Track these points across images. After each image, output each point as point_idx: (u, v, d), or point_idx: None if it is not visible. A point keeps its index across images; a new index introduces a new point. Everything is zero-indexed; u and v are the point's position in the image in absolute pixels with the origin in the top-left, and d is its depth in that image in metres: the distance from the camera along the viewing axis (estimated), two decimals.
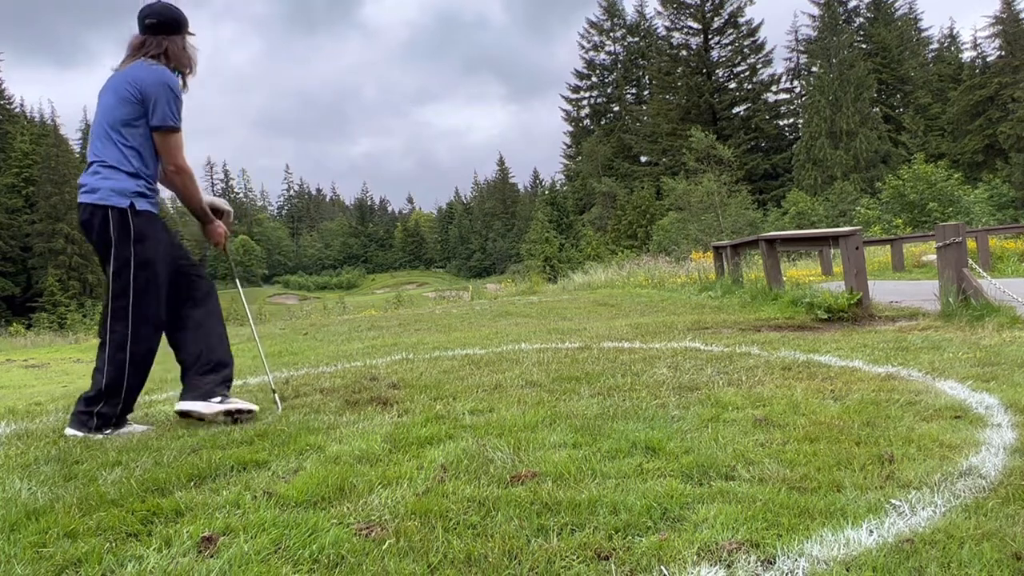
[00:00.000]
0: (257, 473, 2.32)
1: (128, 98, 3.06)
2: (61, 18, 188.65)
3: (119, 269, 3.05)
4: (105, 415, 3.07)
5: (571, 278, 20.42)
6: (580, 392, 3.43)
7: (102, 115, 3.14)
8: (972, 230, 13.70)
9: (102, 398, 3.06)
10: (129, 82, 3.07)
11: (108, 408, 3.07)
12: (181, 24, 3.25)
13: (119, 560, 1.68)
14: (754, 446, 2.36)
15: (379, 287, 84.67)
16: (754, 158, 56.49)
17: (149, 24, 3.19)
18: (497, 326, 7.78)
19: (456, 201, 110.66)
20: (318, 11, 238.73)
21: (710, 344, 5.01)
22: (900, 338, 4.75)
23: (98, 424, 3.05)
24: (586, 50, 70.67)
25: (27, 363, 7.62)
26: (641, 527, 1.74)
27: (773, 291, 8.32)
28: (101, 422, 3.06)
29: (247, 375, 4.88)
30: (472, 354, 5.11)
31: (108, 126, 3.10)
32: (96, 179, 3.08)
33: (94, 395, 3.07)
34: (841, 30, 52.34)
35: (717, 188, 32.91)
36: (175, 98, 3.11)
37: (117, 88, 3.09)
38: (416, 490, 2.06)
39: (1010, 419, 2.57)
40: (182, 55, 3.24)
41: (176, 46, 3.22)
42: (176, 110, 3.11)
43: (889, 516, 1.75)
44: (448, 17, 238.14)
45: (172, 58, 3.20)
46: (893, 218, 25.69)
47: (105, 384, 3.05)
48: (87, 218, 3.09)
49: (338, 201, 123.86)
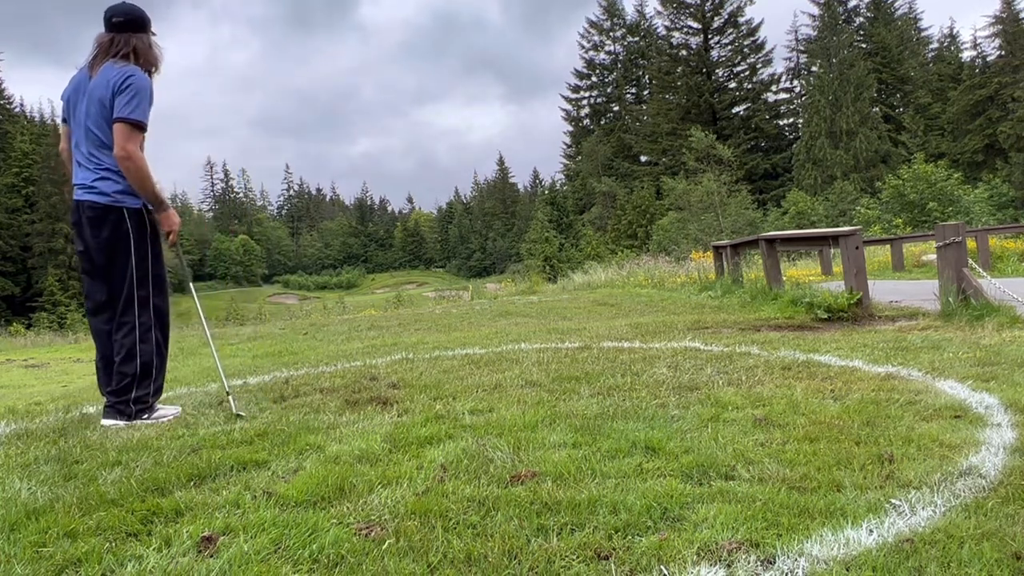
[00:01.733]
0: (257, 473, 2.32)
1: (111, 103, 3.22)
2: (61, 18, 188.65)
3: (139, 261, 3.29)
4: (141, 399, 3.27)
5: (571, 278, 20.42)
6: (580, 392, 3.43)
7: (90, 119, 3.25)
8: (972, 230, 13.69)
9: (134, 384, 3.25)
10: (112, 86, 3.20)
11: (142, 391, 3.27)
12: (146, 23, 3.40)
13: (119, 560, 1.68)
14: (754, 446, 2.36)
15: (379, 287, 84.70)
16: (754, 158, 56.48)
17: (116, 23, 3.32)
18: (497, 326, 7.78)
19: (456, 201, 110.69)
20: (316, 12, 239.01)
21: (710, 344, 5.01)
22: (900, 338, 4.75)
23: (137, 410, 3.25)
24: (586, 50, 70.75)
25: (27, 363, 7.62)
26: (641, 527, 1.74)
27: (773, 291, 8.32)
28: (140, 407, 3.26)
29: (247, 375, 4.88)
30: (472, 354, 5.11)
31: (97, 129, 3.25)
32: (104, 183, 3.26)
33: (124, 384, 3.24)
34: (841, 30, 52.33)
35: (717, 188, 32.91)
36: (149, 101, 3.26)
37: (103, 96, 3.21)
38: (416, 490, 2.06)
39: (1010, 419, 2.57)
40: (149, 52, 3.38)
41: (143, 44, 3.35)
42: (146, 110, 3.24)
43: (889, 516, 1.75)
44: (446, 17, 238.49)
45: (140, 55, 3.33)
46: (893, 218, 25.68)
47: (140, 367, 3.26)
48: (93, 216, 3.25)
49: (338, 201, 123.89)
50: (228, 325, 12.79)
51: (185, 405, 3.63)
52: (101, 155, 3.26)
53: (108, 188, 3.26)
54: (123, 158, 3.20)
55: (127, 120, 3.18)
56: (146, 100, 3.24)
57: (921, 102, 53.34)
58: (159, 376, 3.38)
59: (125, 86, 3.20)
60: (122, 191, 3.27)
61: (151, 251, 3.34)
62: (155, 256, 3.36)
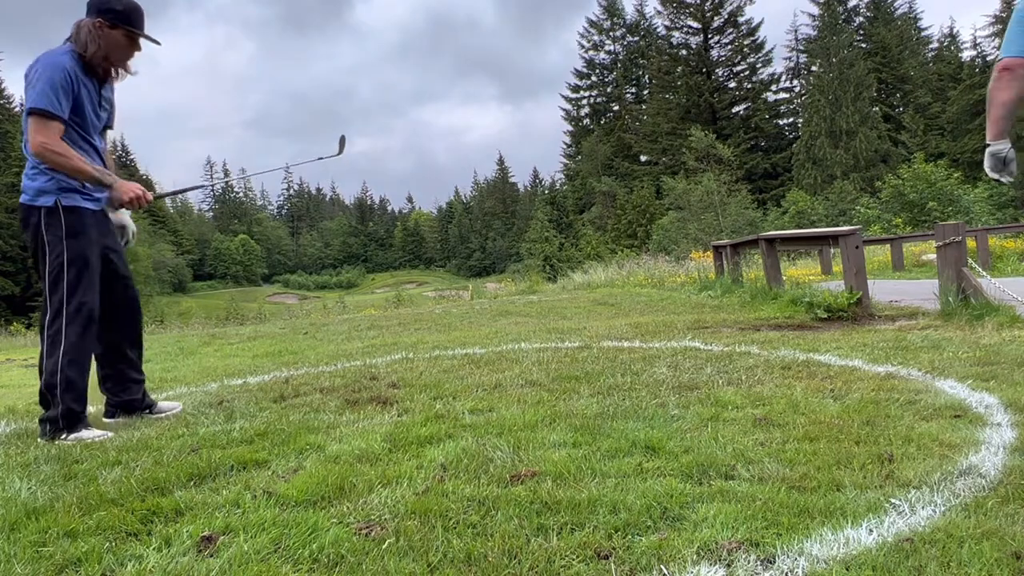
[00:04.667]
0: (257, 472, 2.32)
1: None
2: (61, 18, 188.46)
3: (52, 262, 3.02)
4: (50, 419, 3.01)
5: (571, 277, 20.40)
6: (580, 391, 3.43)
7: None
8: (972, 229, 13.69)
9: (47, 401, 3.06)
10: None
11: (51, 412, 3.03)
12: (99, 7, 3.06)
13: (119, 559, 1.68)
14: (754, 445, 2.36)
15: (379, 286, 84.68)
16: (754, 157, 56.46)
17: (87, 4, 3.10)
18: (497, 325, 7.78)
19: (456, 200, 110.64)
20: (312, 14, 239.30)
21: (710, 343, 5.01)
22: (900, 337, 4.75)
23: (49, 429, 2.99)
24: (586, 49, 70.79)
25: (27, 362, 7.61)
26: (641, 526, 1.74)
27: (773, 290, 8.31)
28: (52, 428, 2.99)
29: (247, 374, 4.88)
30: (472, 353, 5.11)
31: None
32: (24, 180, 3.05)
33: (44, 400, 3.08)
34: (841, 29, 52.30)
35: (717, 187, 32.94)
36: (61, 84, 2.92)
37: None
38: (416, 489, 2.06)
39: (1010, 418, 2.57)
40: (85, 35, 3.02)
41: (85, 25, 3.03)
42: (51, 95, 2.91)
43: (889, 515, 1.75)
44: (442, 17, 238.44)
45: (78, 38, 3.02)
46: (893, 217, 25.66)
47: (44, 384, 3.04)
48: (22, 217, 3.07)
49: (338, 200, 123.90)
50: (228, 325, 12.79)
51: (185, 405, 3.63)
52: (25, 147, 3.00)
53: (26, 186, 3.02)
54: (38, 153, 2.93)
55: (30, 110, 2.90)
56: (51, 84, 2.89)
57: (921, 102, 53.33)
58: (70, 393, 3.00)
59: (30, 72, 2.94)
60: (38, 189, 3.01)
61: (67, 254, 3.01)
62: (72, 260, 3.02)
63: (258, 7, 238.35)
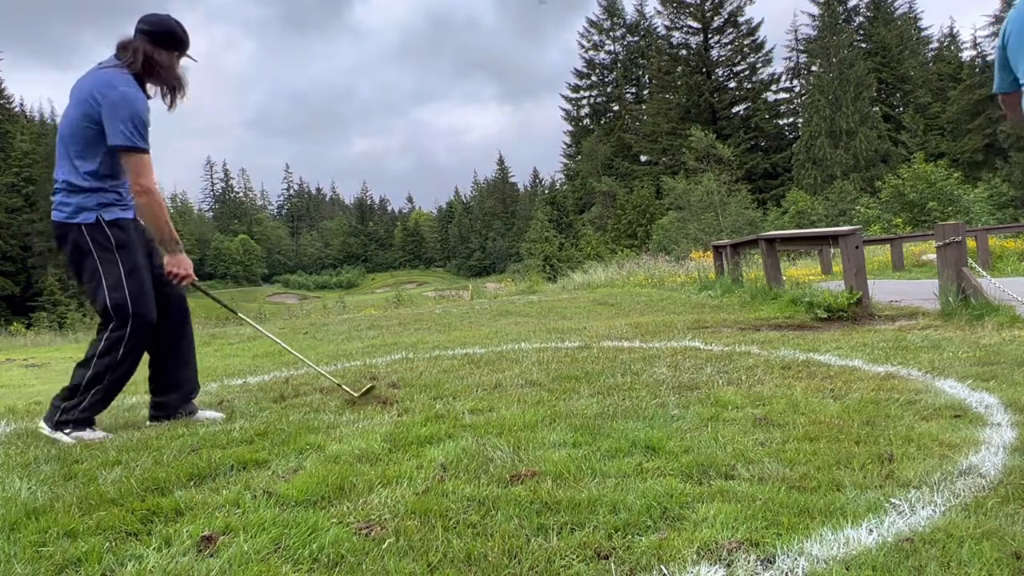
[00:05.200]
0: (257, 472, 2.32)
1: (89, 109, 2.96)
2: (60, 18, 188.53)
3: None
4: (69, 409, 3.03)
5: (571, 277, 20.39)
6: (580, 391, 3.43)
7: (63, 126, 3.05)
8: (972, 229, 13.68)
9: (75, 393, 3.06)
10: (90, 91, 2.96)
11: (72, 402, 3.04)
12: (174, 40, 3.11)
13: (119, 559, 1.68)
14: (754, 445, 2.36)
15: (379, 286, 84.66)
16: (754, 157, 56.45)
17: (139, 29, 3.07)
18: (497, 325, 7.78)
19: (456, 200, 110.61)
20: (311, 14, 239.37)
21: (710, 343, 5.01)
22: (900, 337, 4.75)
23: (60, 420, 3.02)
24: (586, 49, 70.73)
25: (27, 362, 7.61)
26: (641, 526, 1.74)
27: (773, 290, 8.32)
28: (65, 418, 3.02)
29: (247, 374, 4.88)
30: (472, 353, 5.11)
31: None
32: (58, 196, 3.06)
33: (72, 387, 3.07)
34: (841, 29, 52.28)
35: (717, 187, 32.94)
36: (142, 116, 2.97)
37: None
38: (416, 489, 2.06)
39: (1010, 418, 2.57)
40: (164, 72, 3.08)
41: (159, 59, 3.06)
42: (144, 130, 2.97)
43: (889, 515, 1.75)
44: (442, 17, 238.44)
45: (146, 68, 3.05)
46: (893, 217, 25.66)
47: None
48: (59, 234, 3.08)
49: (338, 200, 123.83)
50: (228, 325, 12.77)
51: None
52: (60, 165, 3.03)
53: (60, 202, 3.05)
54: (142, 195, 3.01)
55: (134, 148, 2.94)
56: (141, 120, 2.96)
57: (921, 102, 53.32)
58: (103, 400, 3.09)
59: (102, 94, 2.91)
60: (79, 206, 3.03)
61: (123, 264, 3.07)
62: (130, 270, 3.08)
63: (258, 7, 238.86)
